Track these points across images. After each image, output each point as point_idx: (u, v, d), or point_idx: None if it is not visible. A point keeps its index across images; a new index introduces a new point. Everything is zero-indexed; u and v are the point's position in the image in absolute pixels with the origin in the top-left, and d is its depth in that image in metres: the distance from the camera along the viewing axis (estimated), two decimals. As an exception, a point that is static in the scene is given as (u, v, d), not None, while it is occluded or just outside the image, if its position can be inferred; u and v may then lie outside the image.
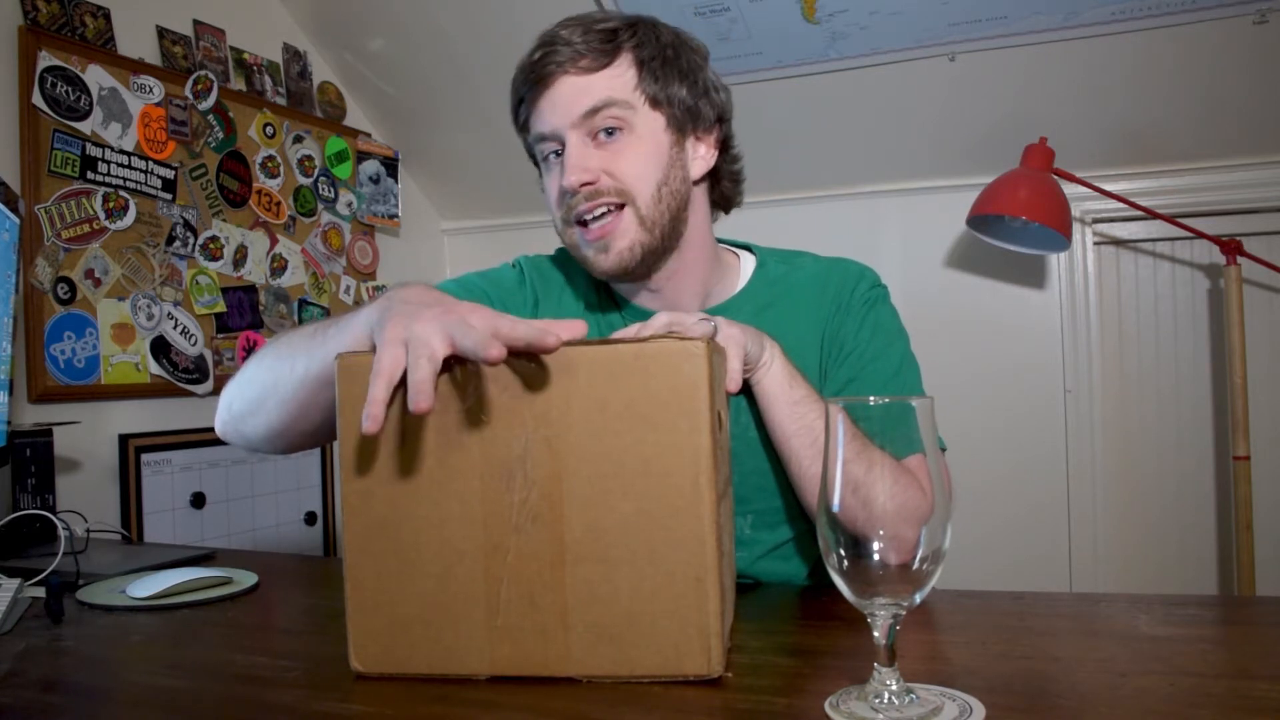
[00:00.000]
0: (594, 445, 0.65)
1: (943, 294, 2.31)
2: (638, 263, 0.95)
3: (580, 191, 0.93)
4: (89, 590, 1.00)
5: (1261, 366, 2.08)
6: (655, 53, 0.95)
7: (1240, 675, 0.66)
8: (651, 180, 0.94)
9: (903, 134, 2.25)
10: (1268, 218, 2.09)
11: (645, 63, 0.94)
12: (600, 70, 0.93)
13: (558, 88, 0.93)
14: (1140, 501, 2.22)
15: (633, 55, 0.94)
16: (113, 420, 1.87)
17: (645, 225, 0.94)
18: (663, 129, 0.95)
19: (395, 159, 2.63)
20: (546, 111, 0.94)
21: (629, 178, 0.93)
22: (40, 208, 1.74)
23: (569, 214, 0.95)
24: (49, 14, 1.78)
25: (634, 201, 0.93)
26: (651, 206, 0.94)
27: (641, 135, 0.94)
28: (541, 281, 1.08)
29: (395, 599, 0.68)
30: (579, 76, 0.93)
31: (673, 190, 0.95)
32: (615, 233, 0.93)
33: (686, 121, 0.96)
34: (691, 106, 0.96)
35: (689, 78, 0.96)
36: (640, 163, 0.93)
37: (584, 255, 0.97)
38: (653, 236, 0.94)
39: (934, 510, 0.58)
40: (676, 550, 0.64)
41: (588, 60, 0.92)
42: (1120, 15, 1.89)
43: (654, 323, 0.80)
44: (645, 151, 0.94)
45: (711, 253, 1.04)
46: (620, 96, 0.93)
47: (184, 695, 0.69)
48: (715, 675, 0.64)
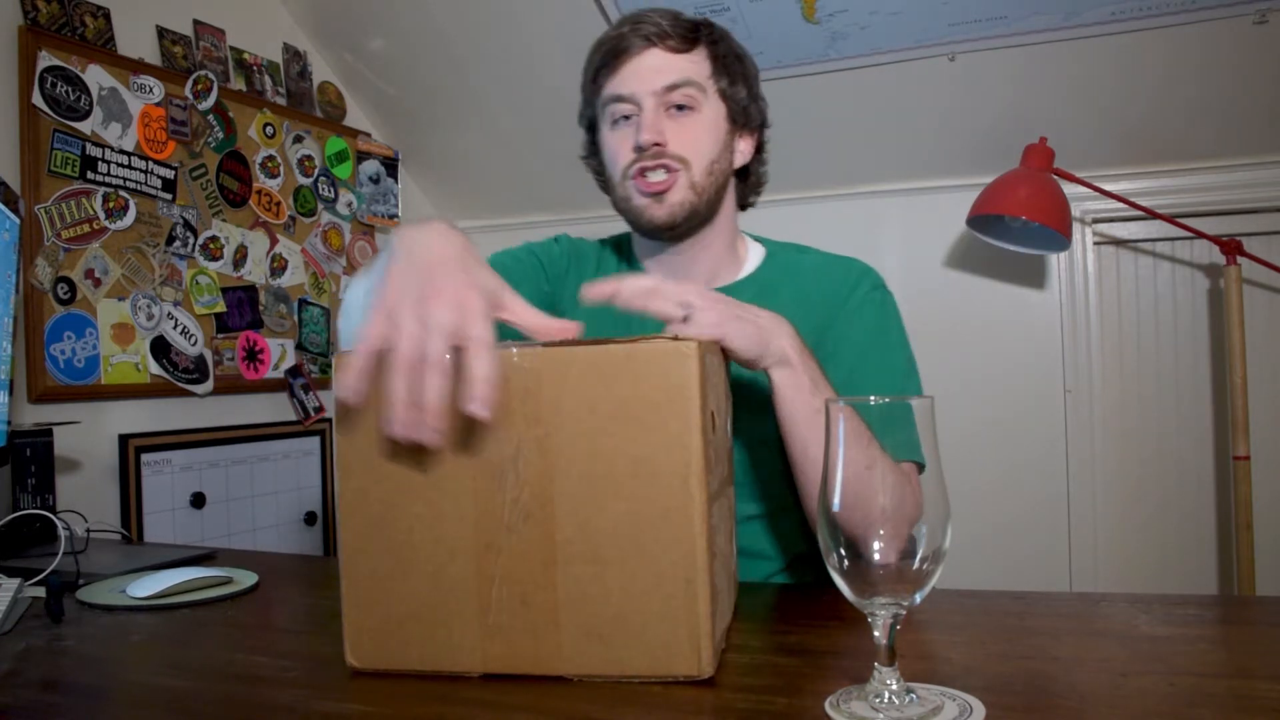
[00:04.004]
0: (585, 445, 0.65)
1: (943, 294, 2.31)
2: (684, 219, 1.06)
3: (650, 150, 1.04)
4: (89, 590, 1.00)
5: (1261, 366, 2.08)
6: (727, 52, 1.09)
7: (1240, 675, 0.66)
8: (707, 155, 1.06)
9: (903, 134, 2.25)
10: (1268, 218, 2.09)
11: (720, 58, 1.08)
12: (683, 53, 1.06)
13: (645, 57, 1.05)
14: (1140, 501, 2.22)
15: (709, 50, 1.07)
16: (113, 420, 1.87)
17: (695, 190, 1.05)
18: (723, 117, 1.08)
19: (395, 159, 2.63)
20: (630, 76, 1.05)
21: (691, 148, 1.05)
22: (40, 208, 1.74)
23: (630, 167, 1.05)
24: (49, 14, 1.78)
25: (690, 168, 1.05)
26: (703, 176, 1.06)
27: (707, 117, 1.06)
28: (576, 259, 1.19)
29: (390, 596, 0.68)
30: (666, 53, 1.05)
31: (721, 169, 1.08)
32: (671, 188, 1.04)
33: (740, 117, 1.10)
34: (746, 106, 1.10)
35: (747, 82, 1.11)
36: (702, 139, 1.06)
37: (637, 207, 1.06)
38: (700, 201, 1.06)
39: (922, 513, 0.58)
40: (667, 551, 0.64)
41: (674, 41, 1.05)
42: (1120, 15, 1.88)
43: (642, 281, 0.81)
44: (707, 131, 1.06)
45: (731, 238, 1.15)
46: (697, 79, 1.06)
47: (184, 695, 0.69)
48: (706, 676, 0.64)
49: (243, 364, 2.16)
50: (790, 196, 2.38)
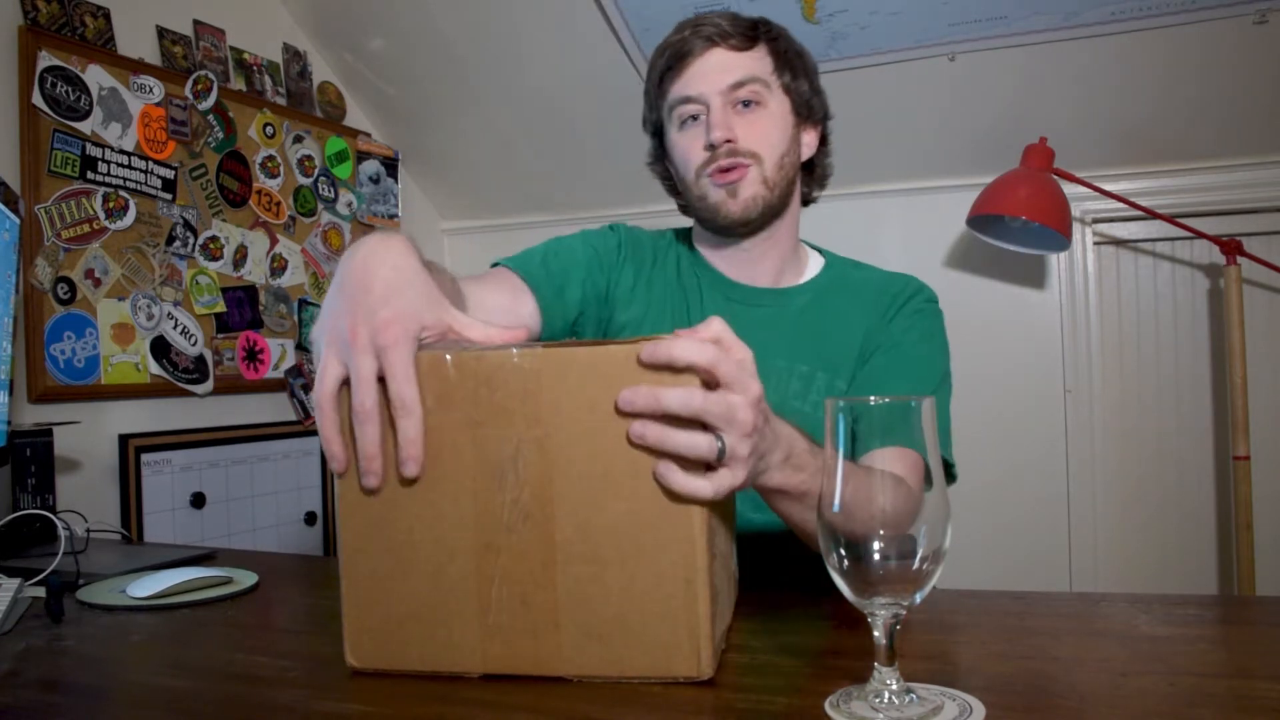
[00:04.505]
0: (585, 446, 0.65)
1: (943, 294, 2.27)
2: (758, 213, 1.07)
3: (724, 146, 1.05)
4: (89, 590, 1.00)
5: (1261, 366, 2.08)
6: (787, 48, 1.11)
7: (1240, 675, 0.66)
8: (778, 149, 1.08)
9: (903, 134, 2.25)
10: (1268, 218, 2.09)
11: (781, 54, 1.09)
12: (745, 51, 1.07)
13: (708, 58, 1.07)
14: (1140, 501, 2.22)
15: (770, 46, 1.09)
16: (113, 420, 1.87)
17: (768, 184, 1.07)
18: (789, 111, 1.10)
19: (395, 159, 2.63)
20: (696, 78, 1.07)
21: (761, 143, 1.07)
22: (40, 208, 1.74)
23: (705, 166, 1.07)
24: (49, 14, 1.78)
25: (762, 163, 1.07)
26: (775, 170, 1.08)
27: (773, 111, 1.08)
28: (632, 247, 1.19)
29: (390, 596, 0.68)
30: (729, 52, 1.07)
31: (791, 162, 1.11)
32: (743, 181, 1.06)
33: (804, 110, 1.12)
34: (810, 99, 1.13)
35: (809, 77, 1.13)
36: (771, 133, 1.08)
37: (712, 203, 1.08)
38: (772, 195, 1.08)
39: (921, 508, 0.58)
40: (666, 551, 0.64)
41: (736, 40, 1.07)
42: (1120, 15, 1.88)
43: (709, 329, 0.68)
44: (775, 125, 1.08)
45: (795, 235, 1.17)
46: (762, 76, 1.07)
47: (184, 695, 0.69)
48: (705, 677, 0.64)
49: (243, 364, 2.16)
50: (790, 196, 2.38)
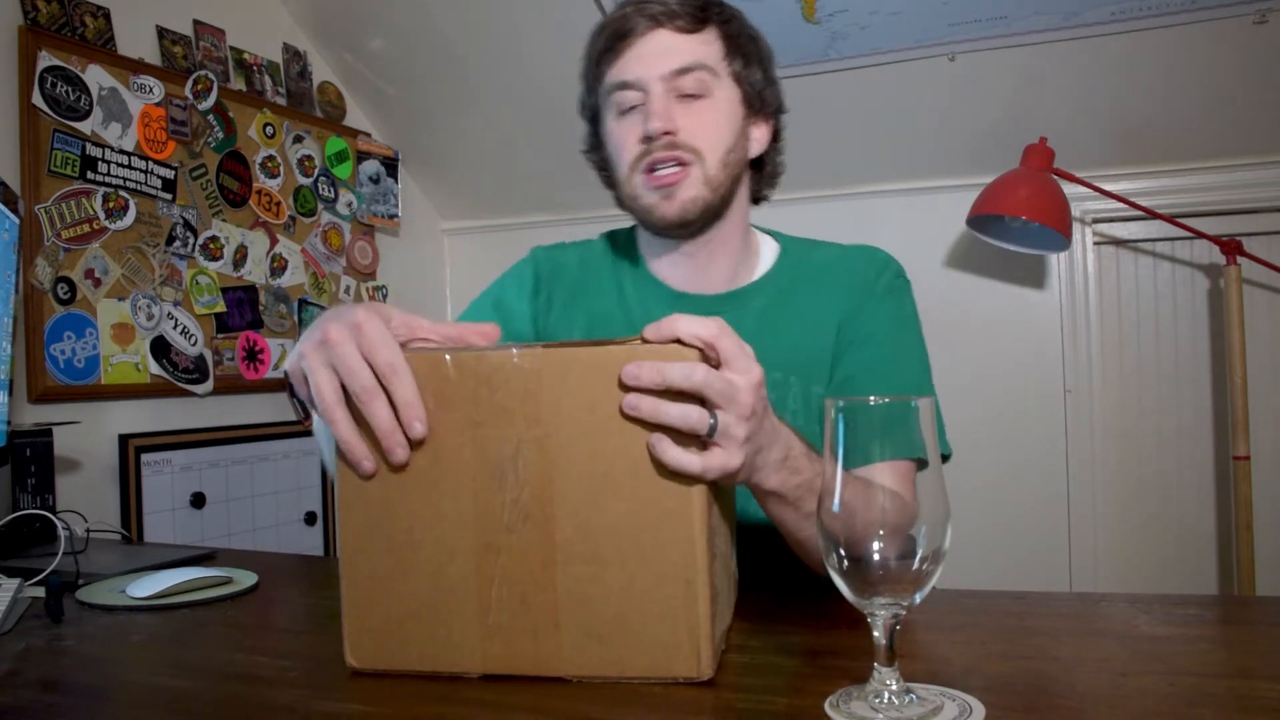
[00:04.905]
0: (585, 446, 0.65)
1: (943, 294, 2.31)
2: (697, 215, 0.98)
3: (661, 139, 0.96)
4: (89, 590, 1.00)
5: (1261, 366, 2.08)
6: (740, 31, 1.01)
7: (1240, 675, 0.66)
8: (722, 145, 0.98)
9: (903, 134, 2.25)
10: (1268, 218, 2.09)
11: (732, 38, 1.00)
12: (693, 33, 0.97)
13: (651, 40, 0.97)
14: (1140, 501, 2.22)
15: (720, 30, 0.99)
16: (113, 420, 1.87)
17: (710, 184, 0.97)
18: (738, 102, 1.00)
19: (395, 159, 2.63)
20: (635, 61, 0.97)
21: (704, 138, 0.97)
22: (40, 208, 1.74)
23: (639, 161, 0.97)
24: (49, 14, 1.78)
25: (703, 161, 0.97)
26: (717, 169, 0.98)
27: (720, 102, 0.98)
28: (554, 271, 1.11)
29: (390, 596, 0.68)
30: (673, 34, 0.97)
31: (736, 159, 1.00)
32: (682, 183, 0.97)
33: (756, 102, 1.02)
34: (762, 90, 1.02)
35: (762, 64, 1.03)
36: (716, 127, 0.98)
37: (646, 204, 0.99)
38: (714, 196, 0.98)
39: (916, 516, 0.58)
40: (666, 552, 0.64)
41: (682, 21, 0.97)
42: (1120, 15, 1.89)
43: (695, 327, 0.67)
44: (721, 118, 0.98)
45: (745, 233, 1.07)
46: (709, 62, 0.97)
47: (184, 695, 0.69)
48: (705, 677, 0.64)
49: (243, 364, 2.16)
50: (790, 197, 2.36)
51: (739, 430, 0.64)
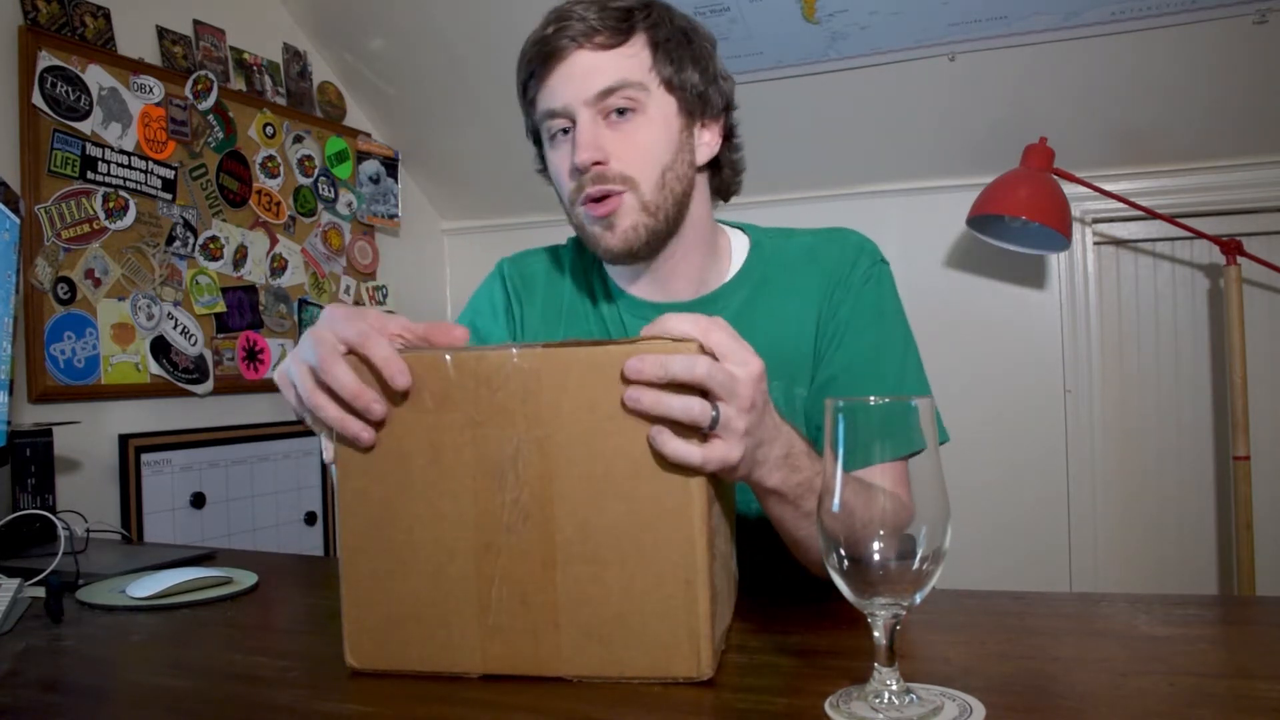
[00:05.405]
0: (585, 446, 0.65)
1: (943, 294, 2.31)
2: (643, 243, 0.94)
3: (590, 171, 0.91)
4: (89, 590, 1.00)
5: (1261, 366, 2.08)
6: (670, 35, 0.93)
7: (1240, 675, 0.66)
8: (658, 165, 0.93)
9: (903, 134, 2.25)
10: (1268, 218, 2.09)
11: (660, 44, 0.93)
12: (615, 48, 0.91)
13: (571, 63, 0.91)
14: (1140, 501, 2.22)
15: (647, 36, 0.93)
16: (113, 420, 1.87)
17: (649, 210, 0.93)
18: (674, 113, 0.94)
19: (395, 159, 2.63)
20: (558, 87, 0.92)
21: (635, 163, 0.92)
22: (40, 208, 1.74)
23: (577, 193, 0.93)
24: (49, 14, 1.78)
25: (637, 188, 0.92)
26: (655, 192, 0.93)
27: (653, 117, 0.93)
28: (523, 284, 1.09)
29: (389, 596, 0.68)
30: (594, 53, 0.91)
31: (678, 175, 0.94)
32: (618, 211, 0.92)
33: (696, 107, 0.95)
34: (702, 92, 0.96)
35: (700, 63, 0.95)
36: (649, 146, 0.92)
37: (591, 233, 0.95)
38: (656, 220, 0.93)
39: (914, 517, 0.58)
40: (666, 552, 0.64)
41: (603, 37, 0.91)
42: (1120, 15, 1.89)
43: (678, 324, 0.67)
44: (656, 135, 0.93)
45: (710, 238, 1.02)
46: (635, 78, 0.91)
47: (184, 695, 0.69)
48: (705, 677, 0.64)
49: (243, 364, 2.16)
50: (790, 197, 2.38)
51: (739, 423, 0.64)
